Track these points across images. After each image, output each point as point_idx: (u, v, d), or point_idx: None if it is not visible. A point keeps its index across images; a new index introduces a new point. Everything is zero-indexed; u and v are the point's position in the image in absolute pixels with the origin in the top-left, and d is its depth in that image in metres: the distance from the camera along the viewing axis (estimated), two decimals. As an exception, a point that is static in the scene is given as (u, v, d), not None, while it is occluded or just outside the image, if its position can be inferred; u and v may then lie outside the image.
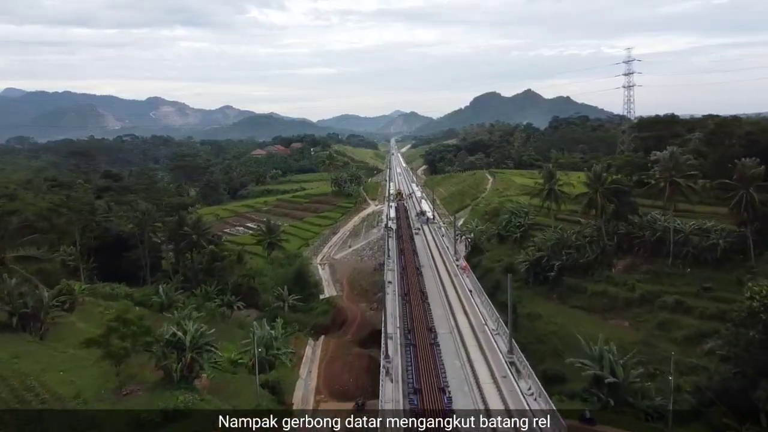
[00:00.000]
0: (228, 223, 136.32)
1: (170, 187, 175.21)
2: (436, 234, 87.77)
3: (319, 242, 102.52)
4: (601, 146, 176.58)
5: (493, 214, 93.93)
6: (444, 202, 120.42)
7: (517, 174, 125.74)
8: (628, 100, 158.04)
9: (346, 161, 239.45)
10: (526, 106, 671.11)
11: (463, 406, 31.80)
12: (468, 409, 31.25)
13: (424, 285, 57.30)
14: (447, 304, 51.74)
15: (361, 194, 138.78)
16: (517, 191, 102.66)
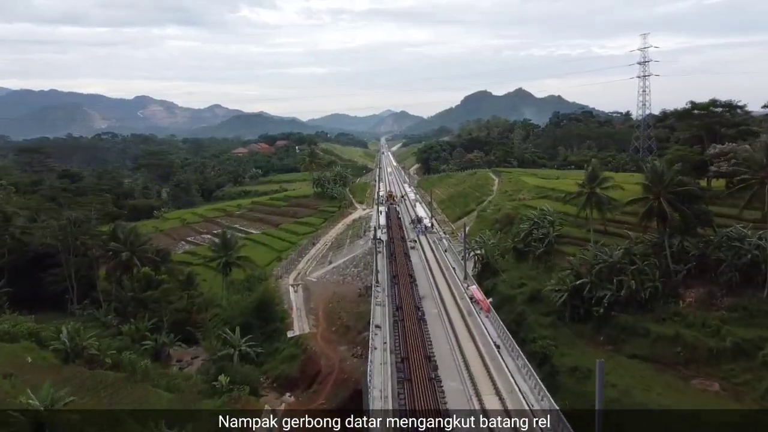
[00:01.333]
0: (194, 230, 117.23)
1: (137, 188, 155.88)
2: (436, 248, 69.28)
3: (295, 255, 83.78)
4: (610, 143, 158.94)
5: (506, 223, 75.56)
6: (443, 207, 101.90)
7: (527, 174, 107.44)
8: (644, 92, 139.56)
9: (333, 160, 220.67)
10: (518, 105, 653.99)
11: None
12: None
13: (429, 337, 38.64)
14: (466, 375, 33.16)
15: (346, 197, 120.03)
16: (532, 194, 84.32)
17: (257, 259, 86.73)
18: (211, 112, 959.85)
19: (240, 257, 67.98)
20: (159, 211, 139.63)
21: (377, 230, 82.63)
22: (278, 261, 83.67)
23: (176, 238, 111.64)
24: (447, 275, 56.08)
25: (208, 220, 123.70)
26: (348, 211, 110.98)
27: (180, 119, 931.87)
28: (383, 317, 43.97)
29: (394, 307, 44.98)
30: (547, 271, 60.58)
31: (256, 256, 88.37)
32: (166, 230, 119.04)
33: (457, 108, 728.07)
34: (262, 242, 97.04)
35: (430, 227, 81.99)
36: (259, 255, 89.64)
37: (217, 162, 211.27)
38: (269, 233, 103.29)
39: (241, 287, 64.83)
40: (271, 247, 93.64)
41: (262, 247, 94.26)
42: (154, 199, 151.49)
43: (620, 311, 48.75)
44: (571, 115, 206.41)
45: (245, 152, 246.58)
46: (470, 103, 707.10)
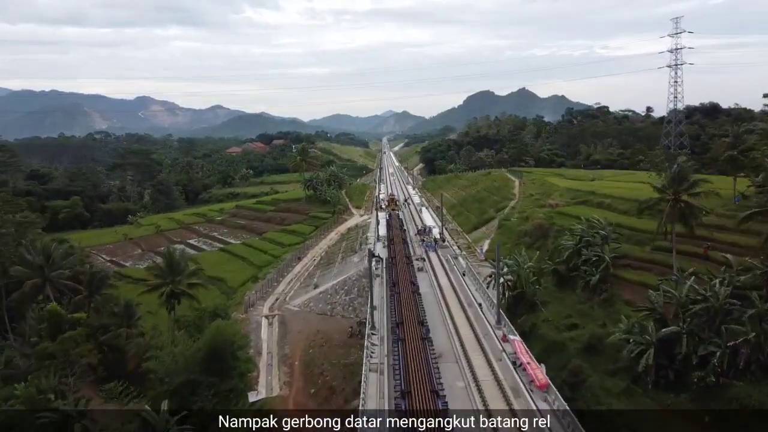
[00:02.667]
0: (167, 239, 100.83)
1: (113, 190, 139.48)
2: (451, 269, 52.74)
3: (275, 274, 67.25)
4: (631, 141, 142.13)
5: (538, 235, 59.15)
6: (453, 213, 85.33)
7: (552, 174, 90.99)
8: (675, 83, 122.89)
9: (331, 159, 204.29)
10: (521, 105, 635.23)
11: None
12: None
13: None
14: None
15: (342, 200, 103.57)
16: (565, 198, 67.84)
17: (230, 277, 70.60)
18: (213, 112, 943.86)
19: (193, 284, 51.24)
20: (134, 215, 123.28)
21: (376, 243, 66.53)
22: (255, 281, 67.14)
23: (145, 249, 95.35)
24: (471, 315, 39.52)
25: (185, 226, 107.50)
26: (343, 217, 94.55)
27: (181, 120, 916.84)
28: (379, 395, 27.76)
29: (398, 383, 28.48)
30: (604, 306, 44.20)
31: (231, 273, 72.29)
32: (137, 238, 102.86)
33: (459, 108, 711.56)
34: (240, 255, 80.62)
35: (441, 240, 65.50)
36: (234, 271, 73.46)
37: (207, 162, 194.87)
38: (250, 244, 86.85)
39: (195, 324, 48.35)
40: (249, 261, 77.23)
41: (239, 262, 77.91)
42: (131, 203, 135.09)
43: (736, 378, 32.28)
44: (586, 112, 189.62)
45: (239, 151, 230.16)
46: (473, 103, 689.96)
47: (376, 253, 59.42)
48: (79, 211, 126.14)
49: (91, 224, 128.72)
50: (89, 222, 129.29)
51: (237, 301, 61.00)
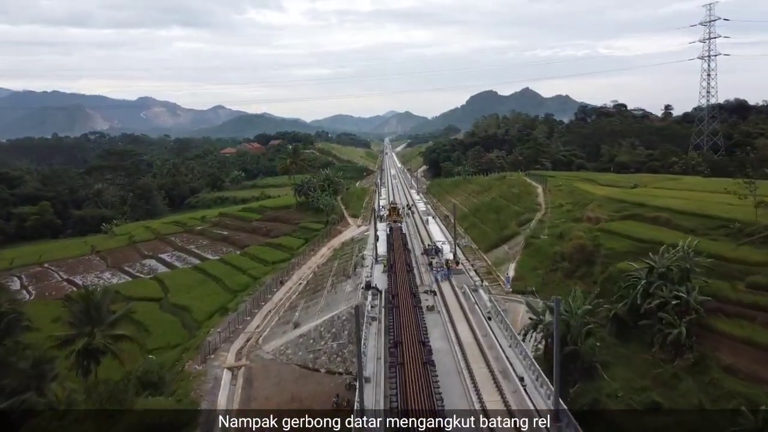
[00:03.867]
0: (138, 252, 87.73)
1: (88, 195, 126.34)
2: (472, 310, 39.31)
3: (250, 303, 53.93)
4: (655, 141, 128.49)
5: (580, 260, 45.68)
6: (466, 224, 71.83)
7: (580, 179, 77.56)
8: (708, 76, 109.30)
9: (330, 160, 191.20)
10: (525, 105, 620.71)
11: None
12: None
13: None
14: None
15: (336, 208, 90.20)
16: (607, 210, 54.33)
17: (198, 305, 57.30)
18: (214, 113, 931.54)
19: (119, 336, 37.59)
20: (109, 223, 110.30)
21: (374, 266, 53.36)
22: (224, 314, 53.72)
23: (110, 264, 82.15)
24: (511, 400, 26.13)
25: (161, 237, 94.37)
26: (337, 228, 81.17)
27: (183, 120, 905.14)
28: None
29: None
30: (694, 373, 30.83)
31: (199, 301, 59.01)
32: (105, 251, 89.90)
33: (462, 108, 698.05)
34: (214, 276, 67.24)
35: (455, 263, 52.11)
36: (203, 297, 60.14)
37: (197, 163, 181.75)
38: (229, 260, 73.51)
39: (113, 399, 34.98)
40: (224, 284, 63.87)
41: (211, 285, 64.60)
42: (109, 209, 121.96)
43: None
44: (601, 110, 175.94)
45: (233, 152, 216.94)
46: (476, 103, 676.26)
47: (373, 283, 46.30)
48: (49, 218, 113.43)
49: (63, 233, 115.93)
50: (61, 230, 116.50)
51: (198, 341, 47.69)
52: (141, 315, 57.17)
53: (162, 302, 61.00)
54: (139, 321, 55.71)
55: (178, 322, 54.73)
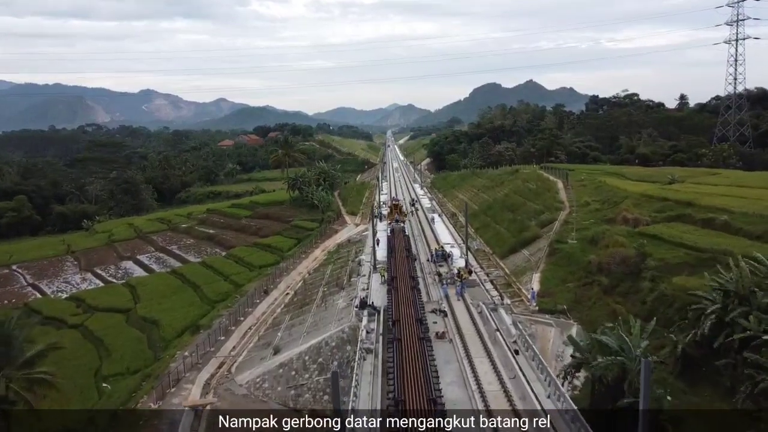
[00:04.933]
0: (116, 252, 79.72)
1: (70, 189, 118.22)
2: (493, 339, 30.96)
3: (228, 317, 45.73)
4: (675, 132, 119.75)
5: (622, 273, 37.20)
6: (476, 224, 63.34)
7: (607, 173, 69.15)
8: (735, 62, 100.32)
9: (330, 153, 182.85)
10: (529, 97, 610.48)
11: None
12: None
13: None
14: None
15: (333, 205, 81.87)
16: (647, 210, 45.87)
17: (169, 319, 49.12)
18: (217, 105, 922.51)
19: (37, 376, 28.89)
20: (91, 220, 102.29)
21: (372, 275, 45.27)
22: (195, 333, 45.45)
23: (84, 267, 74.12)
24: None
25: (142, 235, 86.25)
26: (333, 227, 72.83)
27: (185, 113, 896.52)
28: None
29: None
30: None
31: (171, 313, 50.88)
32: (81, 251, 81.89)
33: (465, 101, 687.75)
34: (193, 282, 58.94)
35: (467, 272, 43.80)
36: (177, 309, 51.93)
37: (193, 156, 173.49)
38: (211, 263, 65.22)
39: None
40: (203, 292, 55.63)
41: (188, 293, 56.36)
42: (92, 204, 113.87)
43: None
44: (613, 100, 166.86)
45: (230, 144, 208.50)
46: (479, 96, 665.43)
47: (370, 300, 38.11)
48: (27, 214, 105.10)
49: (43, 229, 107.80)
50: (41, 227, 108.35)
51: (162, 367, 39.54)
52: (103, 330, 49.27)
53: (130, 314, 52.83)
54: (100, 338, 47.77)
55: (144, 340, 46.53)
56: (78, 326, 51.52)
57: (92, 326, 50.54)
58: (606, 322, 34.42)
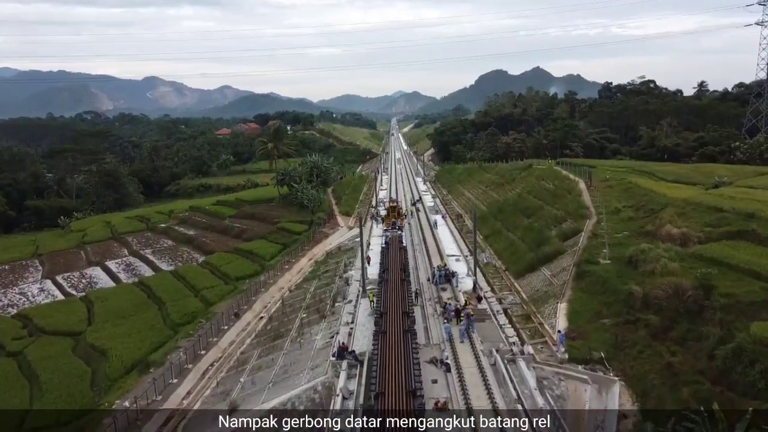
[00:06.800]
0: (86, 256, 71.62)
1: (48, 181, 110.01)
2: (512, 408, 22.51)
3: (186, 349, 37.47)
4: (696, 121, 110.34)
5: (681, 313, 28.45)
6: (485, 230, 54.59)
7: (634, 171, 60.24)
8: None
9: (330, 142, 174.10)
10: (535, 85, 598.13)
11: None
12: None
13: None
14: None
15: (325, 204, 73.30)
16: (696, 223, 37.10)
17: (120, 349, 40.81)
18: (221, 93, 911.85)
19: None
20: (69, 217, 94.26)
21: (360, 299, 36.90)
22: (145, 372, 37.12)
23: (47, 274, 65.92)
24: None
25: (117, 236, 78.13)
26: (323, 231, 64.25)
27: (189, 100, 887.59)
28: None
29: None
30: None
31: (125, 339, 42.68)
32: (48, 254, 73.88)
33: (471, 88, 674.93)
34: (159, 297, 50.59)
35: (477, 299, 35.37)
36: (132, 333, 43.58)
37: (187, 145, 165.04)
38: (184, 274, 56.81)
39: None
40: (167, 311, 47.27)
41: (150, 312, 47.98)
42: (74, 199, 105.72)
43: None
44: (628, 87, 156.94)
45: (227, 133, 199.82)
46: (485, 83, 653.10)
47: (352, 342, 29.85)
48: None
49: (18, 226, 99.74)
50: (17, 223, 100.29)
51: (93, 424, 31.34)
52: (43, 361, 40.94)
53: (80, 339, 44.60)
54: (37, 372, 39.51)
55: (87, 377, 38.24)
56: (17, 354, 43.39)
57: (32, 355, 42.28)
58: (659, 380, 26.08)
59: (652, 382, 25.99)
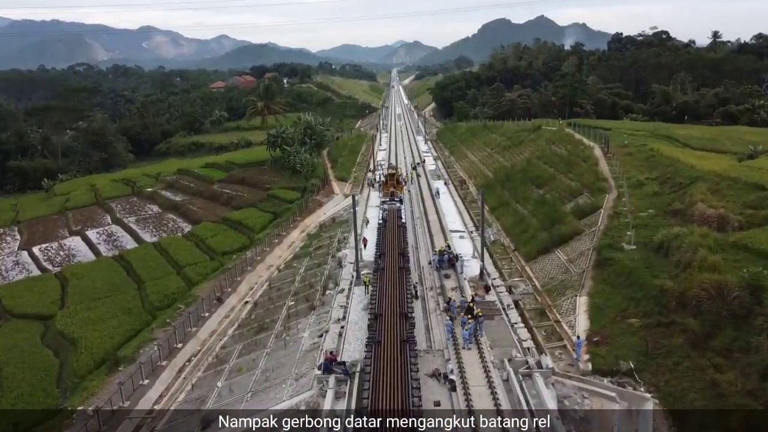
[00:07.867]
0: (66, 225, 67.44)
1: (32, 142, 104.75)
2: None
3: (161, 342, 33.67)
4: (712, 76, 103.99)
5: (724, 317, 24.21)
6: (491, 201, 49.84)
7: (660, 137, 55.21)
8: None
9: (329, 96, 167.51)
10: (540, 34, 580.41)
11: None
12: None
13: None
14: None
15: (320, 168, 68.49)
16: (736, 202, 32.51)
17: (91, 338, 37.08)
18: (218, 43, 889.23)
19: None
20: (53, 179, 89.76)
21: (352, 289, 32.84)
22: (114, 370, 33.32)
23: (23, 244, 61.87)
24: None
25: (101, 202, 73.81)
26: (317, 199, 59.73)
27: (186, 50, 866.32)
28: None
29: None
30: None
31: (98, 325, 38.95)
32: (28, 221, 69.87)
33: (474, 38, 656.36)
34: (139, 275, 46.60)
35: (485, 289, 31.29)
36: (106, 319, 39.69)
37: (180, 100, 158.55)
38: (166, 246, 52.61)
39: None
40: (146, 291, 43.33)
41: (127, 294, 43.89)
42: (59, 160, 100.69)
43: None
44: (639, 38, 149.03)
45: (223, 86, 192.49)
46: (488, 32, 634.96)
47: (342, 346, 25.83)
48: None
49: (2, 188, 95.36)
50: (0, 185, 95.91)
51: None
52: (9, 351, 37.21)
53: (50, 324, 40.77)
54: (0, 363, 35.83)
55: (54, 371, 34.57)
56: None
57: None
58: (702, 401, 22.16)
59: (692, 403, 22.05)
